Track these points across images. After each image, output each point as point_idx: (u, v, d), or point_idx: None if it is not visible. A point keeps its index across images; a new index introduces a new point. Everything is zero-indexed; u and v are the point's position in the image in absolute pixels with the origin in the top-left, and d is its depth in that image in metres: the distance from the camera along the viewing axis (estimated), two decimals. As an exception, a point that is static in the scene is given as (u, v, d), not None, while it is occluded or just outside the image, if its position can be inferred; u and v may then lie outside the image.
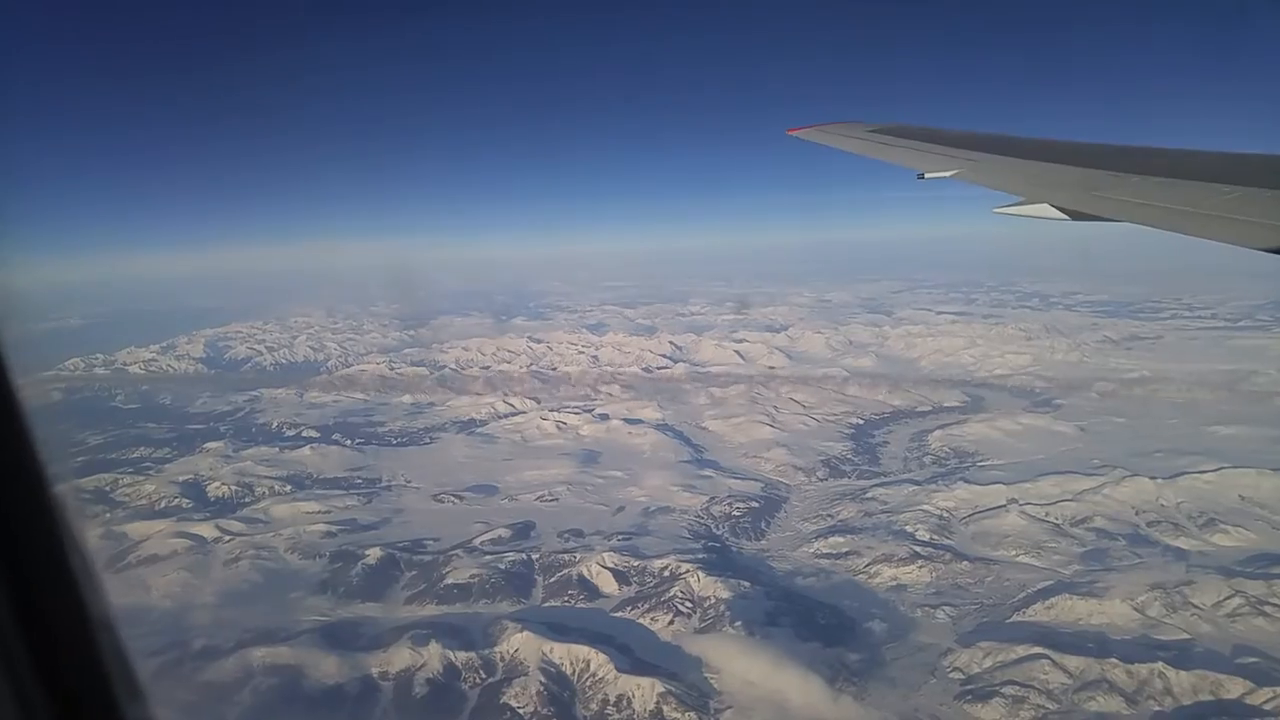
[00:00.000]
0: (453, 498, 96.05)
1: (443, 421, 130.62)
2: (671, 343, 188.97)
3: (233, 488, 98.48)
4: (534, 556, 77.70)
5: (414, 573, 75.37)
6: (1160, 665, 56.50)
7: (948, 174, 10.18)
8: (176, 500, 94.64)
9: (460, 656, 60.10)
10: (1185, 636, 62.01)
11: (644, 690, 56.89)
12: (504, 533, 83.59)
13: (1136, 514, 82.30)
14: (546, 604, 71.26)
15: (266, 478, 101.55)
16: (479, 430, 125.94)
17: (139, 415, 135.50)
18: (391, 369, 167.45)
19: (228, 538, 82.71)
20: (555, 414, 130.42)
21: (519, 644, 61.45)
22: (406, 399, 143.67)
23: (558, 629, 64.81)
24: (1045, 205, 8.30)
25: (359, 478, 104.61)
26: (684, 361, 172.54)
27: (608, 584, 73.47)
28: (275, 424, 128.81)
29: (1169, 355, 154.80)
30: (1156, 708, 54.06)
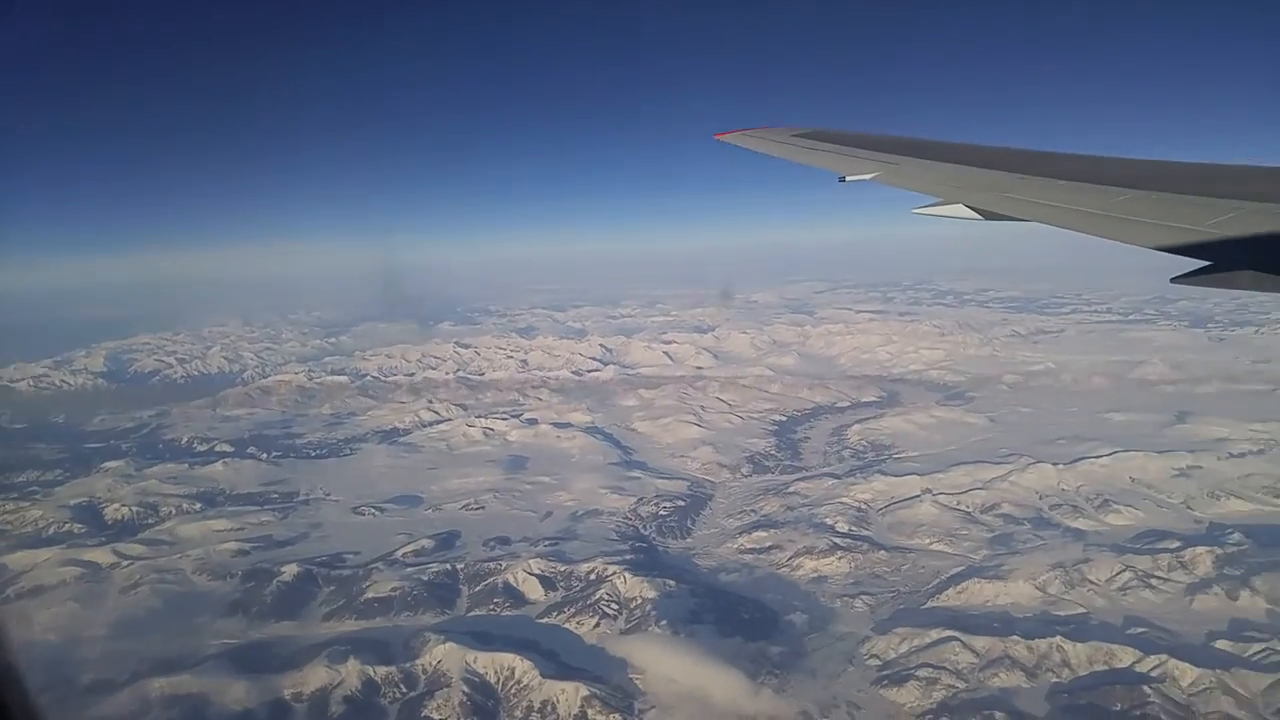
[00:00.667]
0: (374, 510, 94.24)
1: (364, 431, 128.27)
2: (601, 345, 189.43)
3: (134, 509, 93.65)
4: (458, 566, 76.85)
5: (332, 588, 73.72)
6: (1058, 639, 59.26)
7: (868, 177, 10.43)
8: (67, 525, 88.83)
9: (380, 671, 59.06)
10: (1082, 611, 65.23)
11: (568, 695, 56.86)
12: (427, 543, 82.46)
13: (1040, 499, 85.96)
14: (471, 614, 70.55)
15: (173, 496, 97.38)
16: (402, 439, 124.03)
17: (26, 436, 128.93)
18: (311, 378, 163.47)
19: (125, 563, 78.68)
20: (482, 420, 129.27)
21: (442, 655, 60.73)
22: (326, 409, 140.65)
23: (482, 638, 64.28)
24: (960, 206, 8.62)
25: (275, 492, 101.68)
26: (614, 364, 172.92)
27: (534, 590, 73.17)
28: (185, 440, 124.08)
29: (1070, 348, 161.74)
30: (1055, 679, 56.57)
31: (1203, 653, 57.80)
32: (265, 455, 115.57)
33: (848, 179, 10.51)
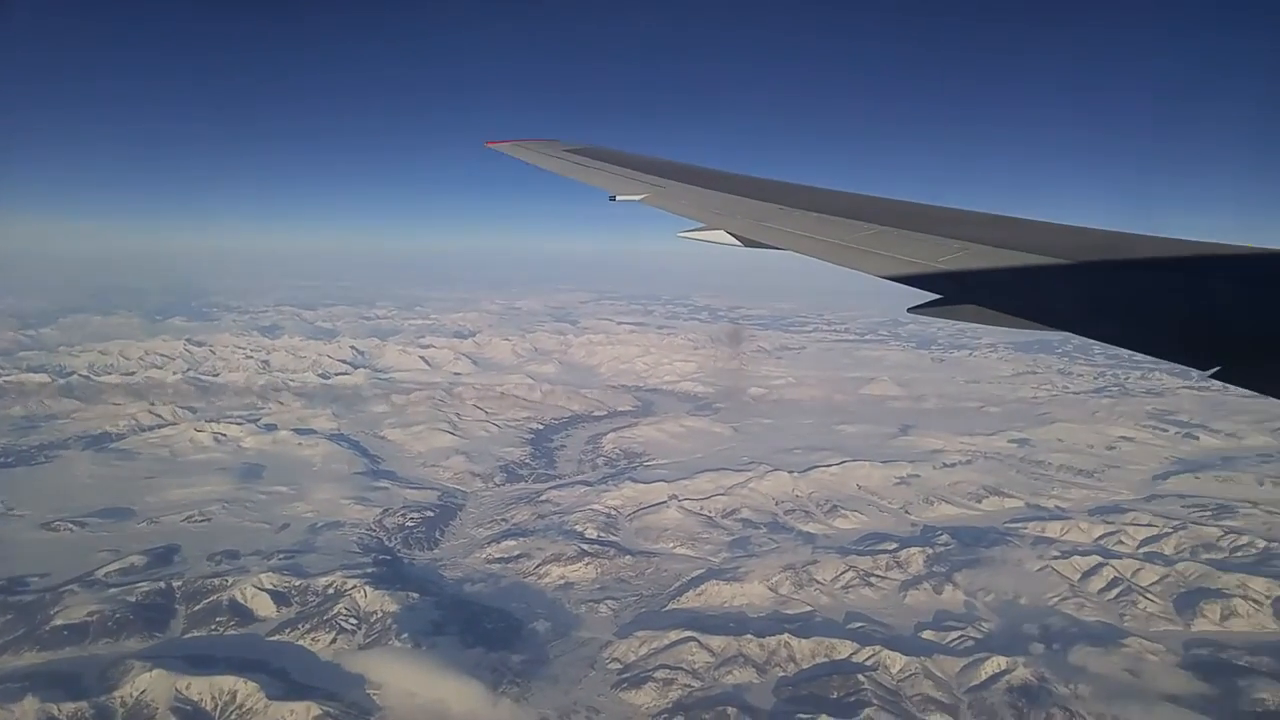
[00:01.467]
0: (71, 525, 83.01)
1: (65, 437, 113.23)
2: (353, 347, 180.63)
3: None
4: (175, 584, 70.00)
5: (9, 617, 64.04)
6: (786, 636, 63.56)
7: (637, 198, 10.50)
8: None
9: (65, 708, 52.08)
10: (808, 609, 70.23)
11: (298, 715, 53.34)
12: (138, 560, 74.28)
13: (776, 504, 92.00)
14: (188, 635, 64.46)
15: None
16: (113, 446, 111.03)
17: None
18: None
19: None
20: (213, 425, 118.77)
21: (147, 684, 54.73)
22: (17, 411, 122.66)
23: (199, 661, 59.02)
24: (722, 232, 8.83)
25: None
26: (365, 368, 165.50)
27: (264, 607, 68.08)
28: None
29: (810, 364, 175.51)
30: (782, 674, 60.59)
31: (911, 642, 64.32)
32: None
33: (618, 199, 10.59)
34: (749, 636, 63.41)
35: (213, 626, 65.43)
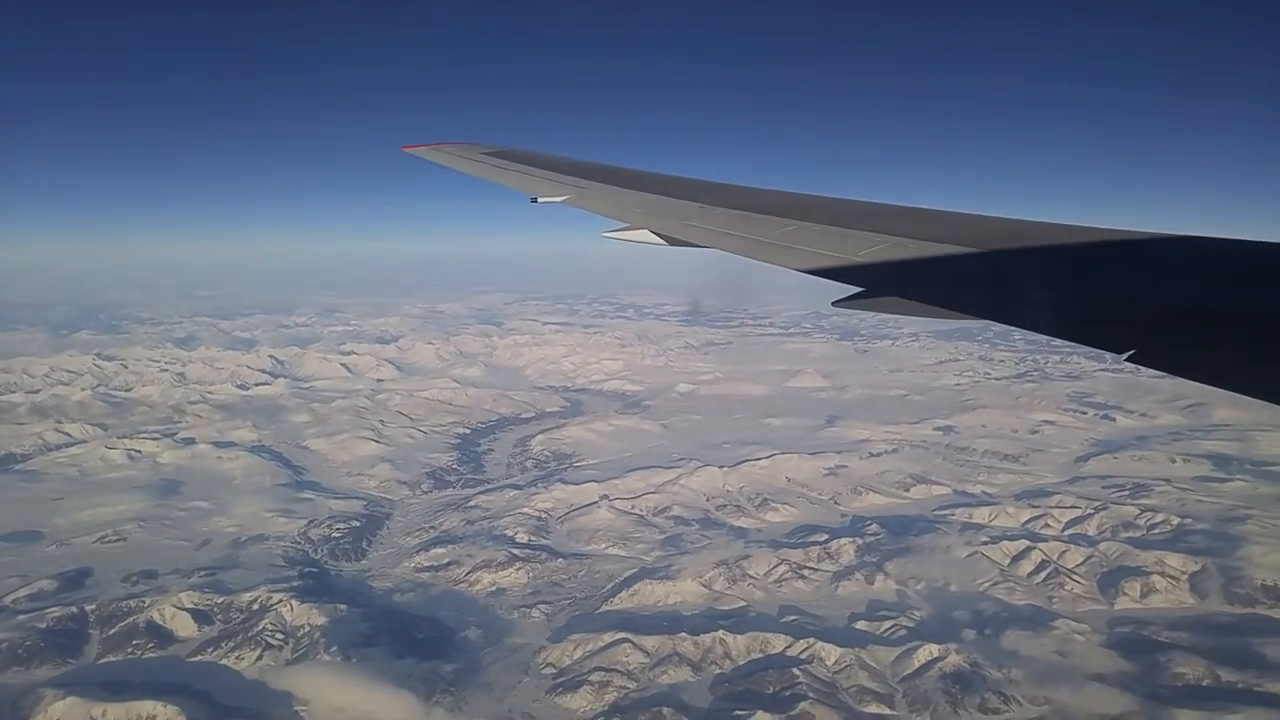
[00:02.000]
0: (-28, 551, 79.28)
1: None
2: (272, 357, 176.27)
3: None
4: (88, 608, 67.52)
5: (-88, 649, 60.95)
6: (721, 633, 64.05)
7: (559, 199, 10.50)
8: None
9: (-28, 743, 49.88)
10: (742, 604, 70.97)
11: (221, 738, 51.87)
12: (47, 585, 71.42)
13: (707, 500, 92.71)
14: (103, 660, 62.24)
15: None
16: (19, 467, 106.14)
17: None
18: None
19: None
20: (126, 441, 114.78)
21: (60, 713, 52.92)
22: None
23: (116, 687, 57.13)
24: (646, 231, 8.89)
25: None
26: (286, 377, 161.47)
27: (185, 627, 66.20)
28: None
29: (737, 358, 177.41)
30: (718, 671, 61.05)
31: (845, 633, 65.45)
32: None
33: (540, 200, 10.59)
34: (683, 635, 63.75)
35: (130, 650, 63.32)
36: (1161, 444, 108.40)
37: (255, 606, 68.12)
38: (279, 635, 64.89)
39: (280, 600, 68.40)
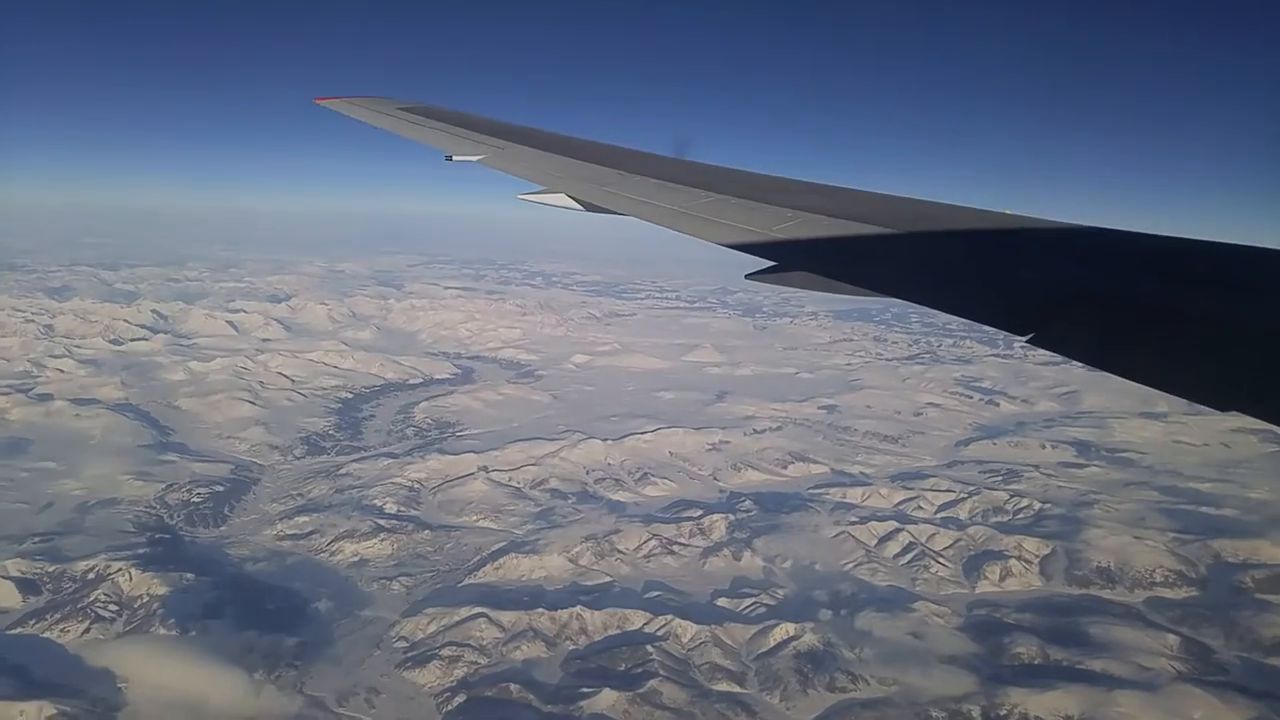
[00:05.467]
0: None
1: None
2: (155, 312, 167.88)
3: None
4: (-104, 578, 62.38)
5: None
6: (579, 609, 63.03)
7: (475, 159, 10.40)
8: None
9: None
10: (608, 579, 70.01)
11: (29, 716, 48.51)
12: None
13: (587, 473, 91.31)
14: (-92, 636, 57.54)
15: None
16: None
17: None
18: None
19: None
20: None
21: None
22: None
23: (-82, 660, 52.70)
24: (563, 195, 8.80)
25: None
26: (166, 333, 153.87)
27: (8, 597, 62.22)
28: None
29: (639, 330, 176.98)
30: (573, 647, 60.00)
31: (705, 610, 64.98)
32: None
33: (455, 159, 10.44)
34: (541, 610, 62.53)
35: (-59, 624, 58.94)
36: (1036, 430, 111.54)
37: (91, 576, 64.44)
38: (113, 607, 61.44)
39: (119, 569, 64.82)
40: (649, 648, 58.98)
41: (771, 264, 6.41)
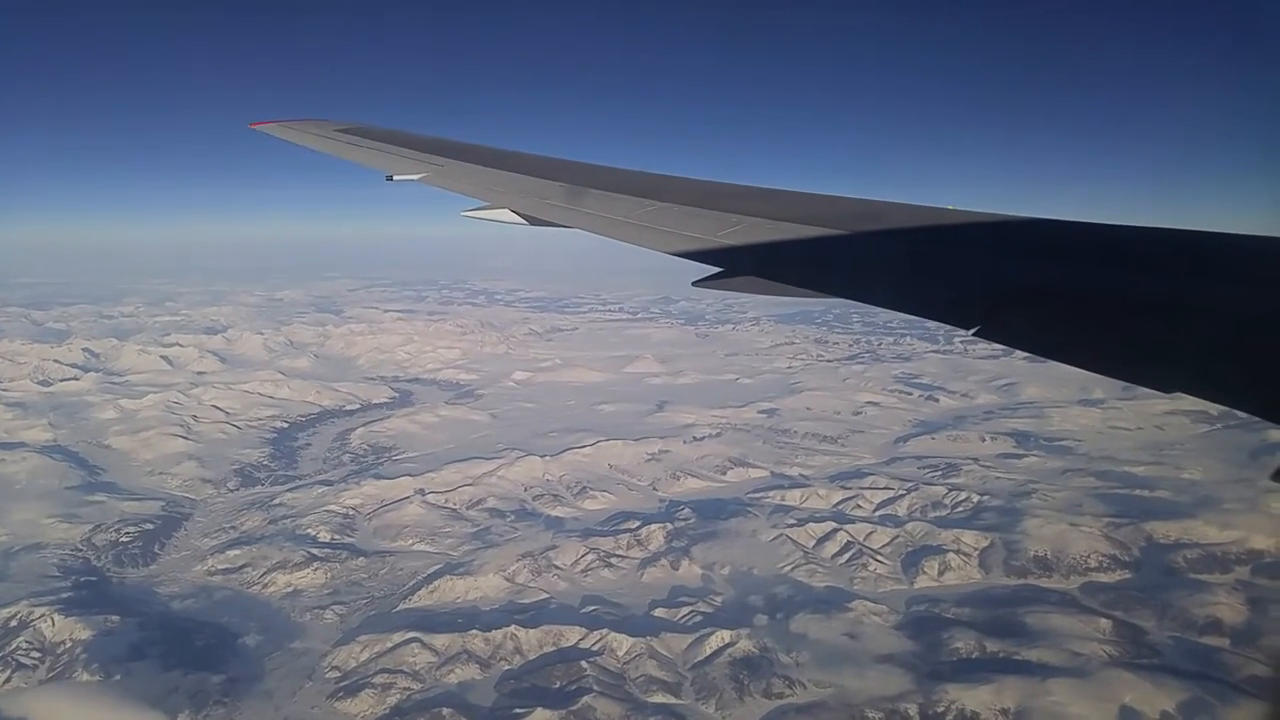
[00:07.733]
0: None
1: None
2: (86, 350, 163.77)
3: None
4: None
5: None
6: (513, 628, 62.61)
7: (416, 177, 10.20)
8: None
9: None
10: (544, 596, 69.77)
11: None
12: None
13: (525, 490, 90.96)
14: None
15: None
16: None
17: None
18: None
19: None
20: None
21: None
22: None
23: None
24: (506, 210, 8.68)
25: None
26: (97, 370, 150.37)
27: (-84, 653, 60.11)
28: None
29: (581, 344, 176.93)
30: (507, 667, 59.70)
31: (642, 622, 64.87)
32: None
33: (396, 178, 10.21)
34: (475, 631, 62.06)
35: None
36: (975, 423, 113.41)
37: (13, 623, 62.80)
38: (35, 654, 60.10)
39: (42, 615, 63.40)
40: (584, 663, 58.77)
41: (718, 270, 6.47)
